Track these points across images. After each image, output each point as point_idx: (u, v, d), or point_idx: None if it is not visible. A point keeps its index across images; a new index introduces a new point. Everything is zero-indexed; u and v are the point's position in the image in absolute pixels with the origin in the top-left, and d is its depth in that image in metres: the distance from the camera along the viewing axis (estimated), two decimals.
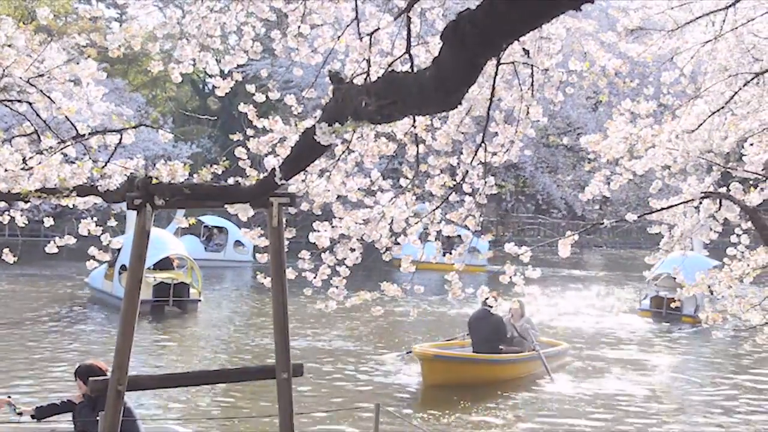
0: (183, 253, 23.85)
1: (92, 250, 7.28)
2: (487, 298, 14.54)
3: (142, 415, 9.57)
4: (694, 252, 22.98)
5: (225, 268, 33.48)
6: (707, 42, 8.21)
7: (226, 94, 7.02)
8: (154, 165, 6.21)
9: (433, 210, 6.92)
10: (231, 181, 6.40)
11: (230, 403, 12.97)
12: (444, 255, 7.37)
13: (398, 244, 7.13)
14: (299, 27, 6.50)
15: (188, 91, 66.78)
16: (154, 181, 6.03)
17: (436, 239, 7.12)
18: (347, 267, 7.14)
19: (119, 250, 21.64)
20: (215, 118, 27.62)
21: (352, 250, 7.06)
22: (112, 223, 7.14)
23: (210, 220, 36.71)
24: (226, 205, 6.33)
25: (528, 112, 6.38)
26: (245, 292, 27.93)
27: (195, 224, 11.02)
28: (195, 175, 6.33)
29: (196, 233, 36.85)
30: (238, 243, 36.15)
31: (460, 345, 15.67)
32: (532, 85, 6.25)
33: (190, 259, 23.74)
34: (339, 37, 6.49)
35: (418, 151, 6.49)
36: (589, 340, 19.84)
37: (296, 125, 6.30)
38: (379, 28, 6.07)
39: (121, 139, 6.66)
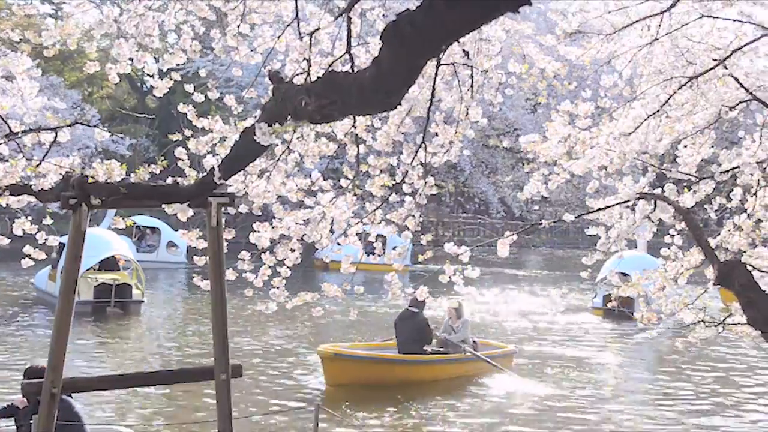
0: (127, 254, 23.49)
1: (27, 249, 7.12)
2: (414, 299, 14.60)
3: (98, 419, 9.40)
4: (638, 252, 23.41)
5: (158, 270, 32.84)
6: (643, 46, 8.36)
7: (165, 93, 6.92)
8: (91, 164, 6.11)
9: (374, 210, 6.93)
10: (170, 181, 6.32)
11: (170, 404, 12.82)
12: (368, 255, 7.43)
13: (339, 245, 7.13)
14: (239, 26, 6.44)
15: (126, 88, 65.81)
16: (90, 180, 5.93)
17: (360, 239, 7.12)
18: (288, 268, 7.11)
19: (62, 251, 21.27)
20: (153, 116, 27.24)
21: (293, 250, 7.03)
22: (48, 221, 6.99)
23: (142, 220, 35.73)
24: (164, 206, 6.26)
25: (468, 113, 6.42)
26: (186, 293, 27.64)
27: (130, 225, 10.80)
28: (132, 175, 6.24)
29: (127, 234, 35.98)
30: (171, 244, 35.32)
31: (395, 346, 15.61)
32: (471, 86, 6.29)
33: (134, 261, 23.41)
34: (279, 36, 6.45)
35: (358, 152, 6.49)
36: (538, 339, 20.06)
37: (236, 125, 6.26)
38: (319, 28, 6.05)
39: (56, 137, 6.53)
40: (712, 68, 8.53)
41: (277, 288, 7.06)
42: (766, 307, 6.82)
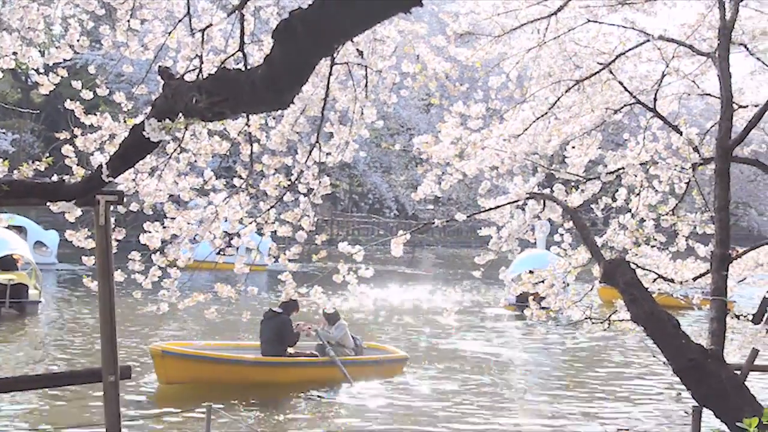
0: (25, 253, 22.61)
1: None
2: (285, 300, 14.41)
3: None
4: (538, 250, 23.89)
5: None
6: (531, 48, 8.55)
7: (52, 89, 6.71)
8: None
9: (268, 210, 6.88)
10: (56, 179, 6.13)
11: (57, 407, 12.45)
12: (218, 254, 7.41)
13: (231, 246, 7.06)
14: (129, 21, 6.30)
15: (9, 81, 63.43)
16: None
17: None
18: (179, 268, 6.99)
19: None
20: (38, 111, 26.27)
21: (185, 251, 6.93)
22: None
23: (7, 218, 33.47)
24: (49, 204, 6.06)
25: (362, 113, 6.45)
26: (85, 294, 26.82)
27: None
28: (15, 172, 6.02)
29: None
30: (39, 244, 33.22)
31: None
32: (366, 86, 6.32)
33: (31, 261, 22.56)
34: (170, 32, 6.34)
35: (252, 151, 6.44)
36: (433, 337, 20.26)
37: (126, 122, 6.12)
38: (211, 25, 5.98)
39: None
40: (597, 72, 8.80)
41: (168, 290, 6.95)
42: (648, 304, 7.07)
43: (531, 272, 9.20)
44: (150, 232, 6.87)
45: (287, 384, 14.10)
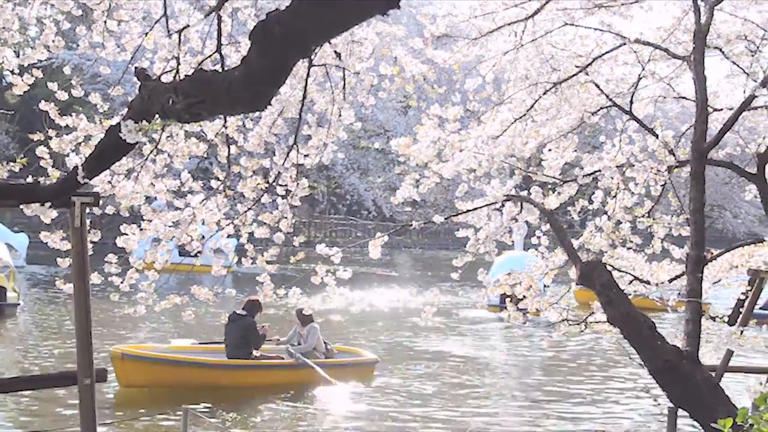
0: (3, 255, 22.35)
1: None
2: (248, 302, 14.28)
3: None
4: (519, 251, 23.91)
5: None
6: (509, 51, 8.58)
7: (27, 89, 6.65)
8: None
9: (245, 212, 6.86)
10: (30, 180, 6.08)
11: (32, 410, 12.35)
12: (181, 255, 7.38)
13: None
14: (105, 22, 6.26)
15: None
16: None
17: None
18: (156, 271, 6.95)
19: None
20: (13, 112, 25.92)
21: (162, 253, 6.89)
22: None
23: None
24: (22, 206, 6.01)
25: (340, 115, 6.44)
26: (63, 296, 26.59)
27: None
28: None
29: None
30: (8, 246, 32.57)
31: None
32: (344, 87, 6.31)
33: (10, 264, 22.30)
34: (147, 33, 6.30)
35: (229, 152, 6.41)
36: (412, 337, 20.27)
37: (102, 123, 6.08)
38: (188, 26, 5.95)
39: None
40: (574, 75, 8.85)
41: (145, 292, 6.90)
42: (624, 306, 7.11)
43: (509, 275, 9.23)
44: (127, 234, 6.83)
45: (253, 387, 13.95)
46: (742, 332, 8.41)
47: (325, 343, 15.38)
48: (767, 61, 8.98)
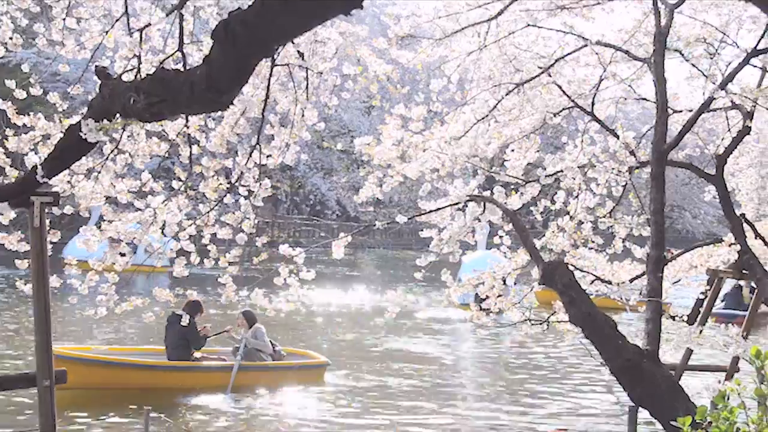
0: None
1: None
2: (188, 302, 13.99)
3: None
4: (486, 251, 23.93)
5: None
6: (472, 52, 8.61)
7: None
8: None
9: (208, 212, 6.81)
10: None
11: None
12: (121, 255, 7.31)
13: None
14: (65, 20, 6.18)
15: None
16: None
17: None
18: (116, 272, 6.88)
19: None
20: None
21: (123, 254, 6.81)
22: None
23: None
24: None
25: (303, 115, 6.42)
26: (6, 299, 26.23)
27: None
28: None
29: None
30: None
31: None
32: (307, 87, 6.29)
33: None
34: (108, 31, 6.23)
35: (191, 152, 6.37)
36: (387, 338, 20.26)
37: (61, 122, 6.01)
38: (150, 24, 5.89)
39: None
40: (537, 75, 8.90)
41: (105, 294, 6.82)
42: (585, 305, 7.16)
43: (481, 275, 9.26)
44: (87, 235, 6.75)
45: (194, 388, 13.69)
46: (701, 331, 8.52)
47: (272, 343, 15.10)
48: (726, 64, 9.10)
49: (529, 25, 8.75)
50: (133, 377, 13.74)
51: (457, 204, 8.49)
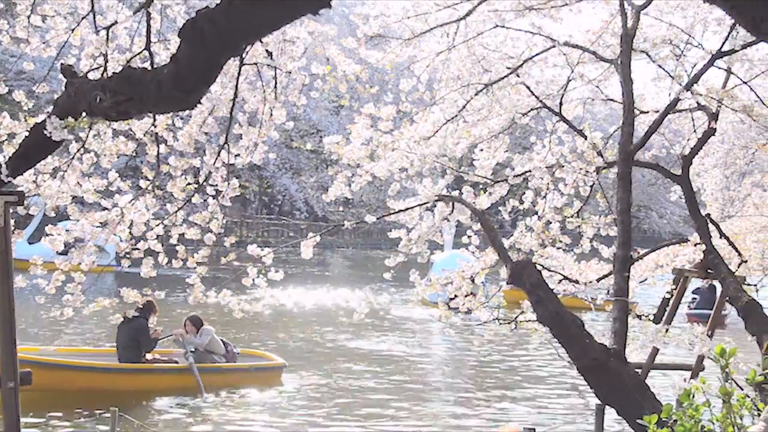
0: None
1: None
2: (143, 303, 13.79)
3: None
4: (448, 251, 23.98)
5: None
6: (441, 52, 8.63)
7: None
8: None
9: (175, 212, 6.76)
10: None
11: None
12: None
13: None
14: (29, 17, 6.10)
15: None
16: None
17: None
18: (83, 272, 6.80)
19: None
20: None
21: (64, 252, 6.74)
22: None
23: None
24: None
25: (272, 114, 6.39)
26: None
27: None
28: None
29: None
30: None
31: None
32: (275, 87, 6.26)
33: None
34: (74, 29, 6.16)
35: (158, 151, 6.31)
36: (355, 338, 20.23)
37: (26, 120, 5.93)
38: (116, 22, 5.84)
39: None
40: (505, 76, 8.94)
41: (72, 294, 6.75)
42: (553, 305, 7.19)
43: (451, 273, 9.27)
44: (53, 234, 6.68)
45: (144, 391, 13.50)
46: (667, 330, 8.60)
47: (226, 344, 14.92)
48: (691, 65, 9.19)
49: (497, 25, 8.78)
50: (84, 380, 13.46)
51: (425, 204, 8.50)
